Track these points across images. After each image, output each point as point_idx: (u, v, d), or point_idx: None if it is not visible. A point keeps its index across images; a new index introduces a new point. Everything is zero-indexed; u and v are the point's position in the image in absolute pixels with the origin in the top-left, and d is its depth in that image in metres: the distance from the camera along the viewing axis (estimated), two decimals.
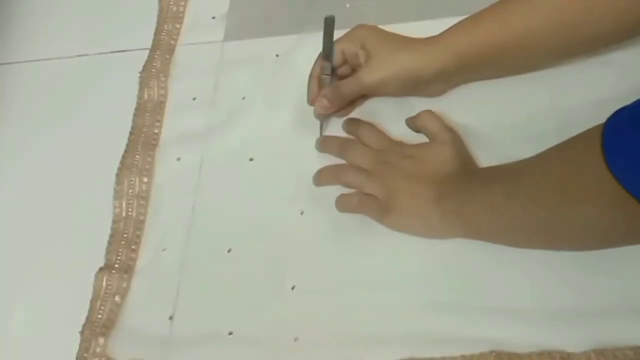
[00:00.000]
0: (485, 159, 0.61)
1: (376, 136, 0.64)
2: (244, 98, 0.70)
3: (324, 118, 0.66)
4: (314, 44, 0.66)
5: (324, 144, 0.66)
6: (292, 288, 0.59)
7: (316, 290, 0.58)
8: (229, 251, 0.61)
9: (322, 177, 0.64)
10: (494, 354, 0.52)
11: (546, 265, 0.56)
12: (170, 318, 0.59)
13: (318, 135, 0.66)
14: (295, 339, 0.56)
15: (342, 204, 0.61)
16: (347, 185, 0.62)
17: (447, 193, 0.57)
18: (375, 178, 0.60)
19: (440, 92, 0.65)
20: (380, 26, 0.65)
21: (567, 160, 0.50)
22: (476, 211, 0.56)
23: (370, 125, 0.65)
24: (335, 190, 0.62)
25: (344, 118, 0.67)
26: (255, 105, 0.69)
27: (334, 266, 0.59)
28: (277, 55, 0.72)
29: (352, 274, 0.58)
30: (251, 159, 0.66)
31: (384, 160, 0.61)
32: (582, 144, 0.49)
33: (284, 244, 0.61)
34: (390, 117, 0.66)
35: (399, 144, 0.63)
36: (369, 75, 0.62)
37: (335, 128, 0.67)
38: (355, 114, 0.67)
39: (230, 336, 0.57)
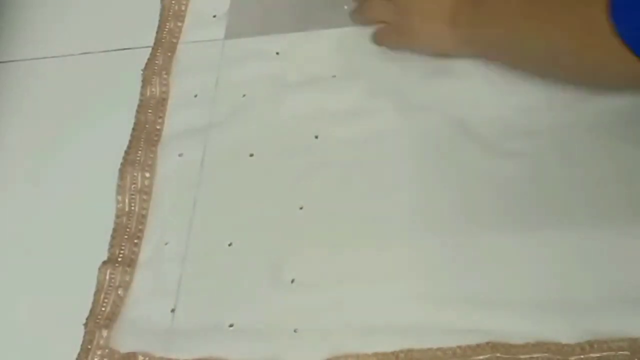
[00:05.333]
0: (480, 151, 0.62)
1: None
2: (244, 95, 0.71)
3: None
4: (314, 41, 0.67)
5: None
6: (292, 281, 0.59)
7: (315, 283, 0.59)
8: (229, 245, 0.62)
9: (354, 17, 0.70)
10: (490, 344, 0.53)
11: (542, 257, 0.56)
12: (172, 310, 0.60)
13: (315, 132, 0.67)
14: (295, 331, 0.57)
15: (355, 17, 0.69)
16: (373, 21, 0.68)
17: (462, 6, 0.60)
18: (392, 4, 0.65)
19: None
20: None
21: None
22: (490, 25, 0.58)
23: None
24: (334, 188, 0.63)
25: None
26: (256, 102, 0.70)
27: (333, 260, 0.60)
28: (277, 53, 0.73)
29: (349, 267, 0.59)
30: (251, 155, 0.67)
31: None
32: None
33: (284, 238, 0.62)
34: None
35: None
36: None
37: None
38: None
39: (231, 328, 0.58)
